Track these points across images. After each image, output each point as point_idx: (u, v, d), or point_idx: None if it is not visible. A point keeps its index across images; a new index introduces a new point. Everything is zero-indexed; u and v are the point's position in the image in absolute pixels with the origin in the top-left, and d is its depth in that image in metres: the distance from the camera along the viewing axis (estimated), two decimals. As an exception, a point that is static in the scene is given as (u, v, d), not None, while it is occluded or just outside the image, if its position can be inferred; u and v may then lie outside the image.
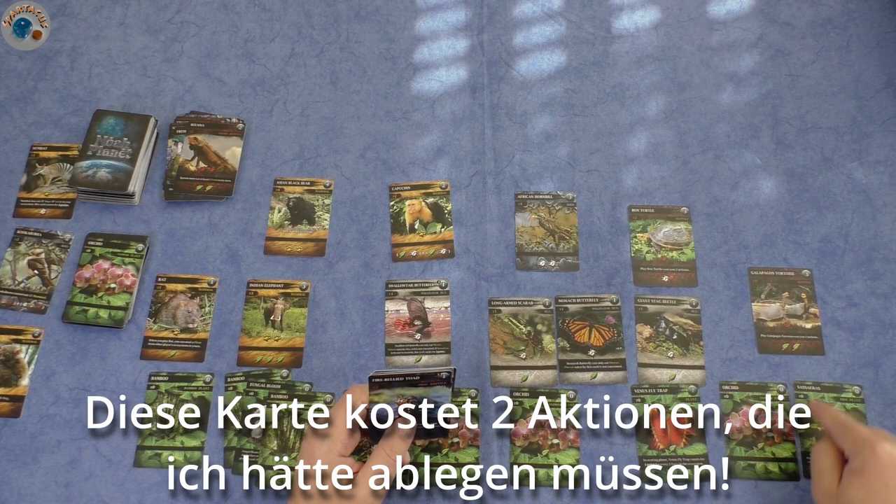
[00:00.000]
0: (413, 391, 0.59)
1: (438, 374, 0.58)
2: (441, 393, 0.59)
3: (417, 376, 0.58)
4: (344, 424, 0.60)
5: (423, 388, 0.59)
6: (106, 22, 0.91)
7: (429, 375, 0.58)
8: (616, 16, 0.90)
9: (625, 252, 0.78)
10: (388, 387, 0.58)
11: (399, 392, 0.59)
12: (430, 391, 0.59)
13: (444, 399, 0.59)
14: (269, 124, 0.85)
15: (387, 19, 0.91)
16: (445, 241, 0.79)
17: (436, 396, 0.59)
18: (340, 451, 0.60)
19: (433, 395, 0.59)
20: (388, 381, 0.58)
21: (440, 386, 0.58)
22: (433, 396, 0.59)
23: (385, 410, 0.60)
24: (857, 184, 0.80)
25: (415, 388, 0.59)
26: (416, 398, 0.59)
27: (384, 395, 0.59)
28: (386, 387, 0.58)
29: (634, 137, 0.83)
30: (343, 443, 0.60)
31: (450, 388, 0.59)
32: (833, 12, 0.89)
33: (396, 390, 0.59)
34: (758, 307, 0.74)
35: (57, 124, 0.85)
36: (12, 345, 0.74)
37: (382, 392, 0.59)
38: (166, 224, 0.80)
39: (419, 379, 0.58)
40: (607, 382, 0.72)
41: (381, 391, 0.59)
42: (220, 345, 0.74)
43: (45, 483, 0.69)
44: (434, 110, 0.85)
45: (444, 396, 0.59)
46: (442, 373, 0.58)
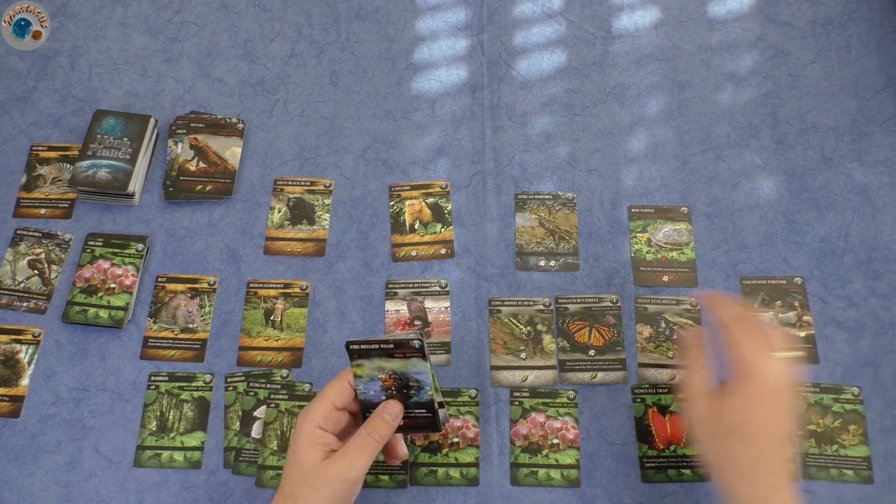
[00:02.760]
0: (392, 363, 0.59)
1: (411, 342, 0.58)
2: (419, 368, 0.59)
3: (391, 344, 0.58)
4: (324, 397, 0.59)
5: (401, 360, 0.59)
6: (106, 22, 0.91)
7: (402, 343, 0.58)
8: (616, 16, 0.90)
9: (625, 252, 0.78)
10: (367, 356, 0.59)
11: (378, 364, 0.59)
12: (408, 364, 0.59)
13: (424, 377, 0.60)
14: (269, 124, 0.85)
15: (387, 19, 0.91)
16: (445, 241, 0.79)
17: (415, 372, 0.59)
18: (319, 423, 0.58)
19: (412, 370, 0.59)
20: (365, 348, 0.59)
21: (416, 358, 0.59)
22: (413, 372, 0.60)
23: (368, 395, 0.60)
24: (857, 184, 0.80)
25: (392, 360, 0.59)
26: (398, 375, 0.60)
27: (365, 367, 0.60)
28: (364, 356, 0.59)
29: (634, 137, 0.83)
30: (323, 415, 0.59)
31: (427, 362, 0.59)
32: (833, 12, 0.89)
33: (375, 361, 0.59)
34: None
35: (57, 124, 0.85)
36: (12, 345, 0.74)
37: (362, 363, 0.59)
38: (166, 224, 0.80)
39: (394, 348, 0.59)
40: (607, 382, 0.72)
41: (360, 361, 0.59)
42: (220, 345, 0.74)
43: (45, 483, 0.69)
44: (434, 110, 0.85)
45: (424, 373, 0.59)
46: (413, 341, 0.58)
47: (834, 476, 0.68)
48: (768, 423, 0.55)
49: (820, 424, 0.70)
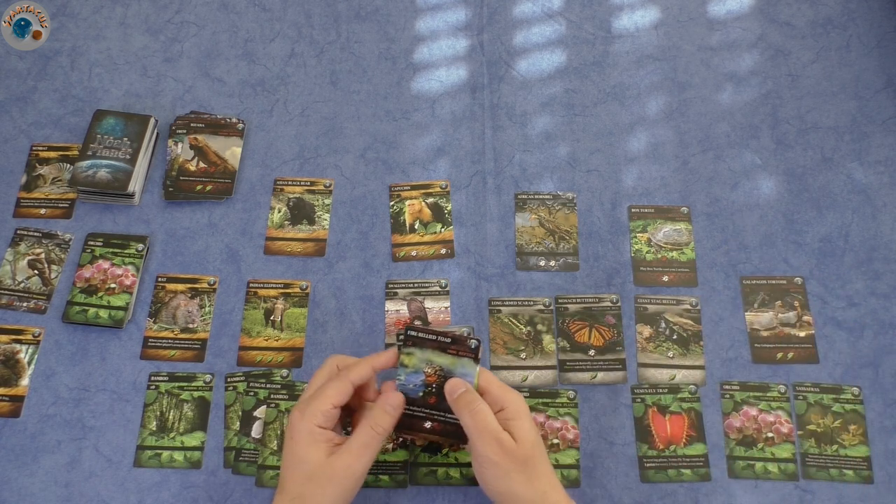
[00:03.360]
0: (442, 359, 0.58)
1: (468, 341, 0.58)
2: (468, 370, 0.59)
3: (449, 338, 0.58)
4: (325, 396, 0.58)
5: (453, 357, 0.58)
6: (106, 22, 0.91)
7: (459, 340, 0.58)
8: (616, 16, 0.90)
9: (625, 252, 0.78)
10: (421, 345, 0.58)
11: (429, 357, 0.58)
12: (457, 363, 0.58)
13: (470, 379, 0.59)
14: (269, 124, 0.85)
15: (387, 19, 0.91)
16: (445, 241, 0.79)
17: (462, 373, 0.59)
18: (319, 423, 0.57)
19: (460, 370, 0.59)
20: (423, 336, 0.58)
21: (468, 359, 0.58)
22: (459, 373, 0.59)
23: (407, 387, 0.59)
24: (857, 184, 0.80)
25: (444, 356, 0.58)
26: (444, 372, 0.59)
27: (415, 357, 0.58)
28: (418, 344, 0.58)
29: (634, 137, 0.83)
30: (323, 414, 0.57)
31: (476, 366, 0.58)
32: (833, 12, 0.89)
33: (427, 353, 0.58)
34: (751, 316, 0.74)
35: (57, 124, 0.85)
36: (12, 345, 0.74)
37: (413, 352, 0.58)
38: (166, 224, 0.80)
39: (450, 343, 0.58)
40: (607, 382, 0.72)
41: (412, 350, 0.58)
42: (220, 345, 0.74)
43: (45, 483, 0.69)
44: (434, 110, 0.85)
45: (470, 376, 0.59)
46: (471, 340, 0.58)
47: (834, 476, 0.68)
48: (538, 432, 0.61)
49: (820, 424, 0.70)
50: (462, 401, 0.58)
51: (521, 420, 0.58)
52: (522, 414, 0.59)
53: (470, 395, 0.59)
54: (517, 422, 0.58)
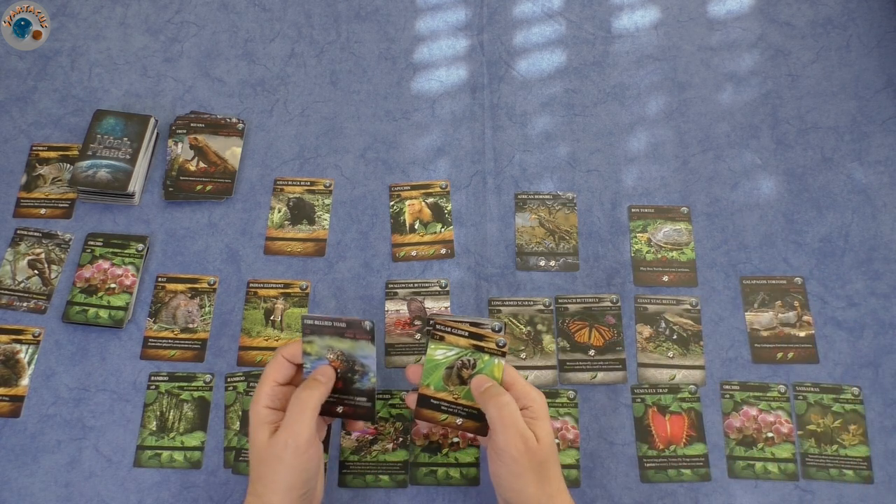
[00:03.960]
0: (342, 344, 0.60)
1: (362, 324, 0.59)
2: (367, 352, 0.60)
3: (344, 323, 0.59)
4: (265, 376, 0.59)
5: (351, 341, 0.60)
6: (106, 22, 0.91)
7: (354, 324, 0.59)
8: (616, 16, 0.90)
9: (625, 252, 0.78)
10: (319, 332, 0.59)
11: (329, 343, 0.60)
12: (356, 346, 0.60)
13: (369, 361, 0.60)
14: (269, 124, 0.85)
15: (387, 19, 0.91)
16: (445, 241, 0.79)
17: (362, 356, 0.60)
18: (266, 403, 0.58)
19: (360, 353, 0.60)
20: (318, 324, 0.59)
21: (365, 341, 0.59)
22: (359, 355, 0.60)
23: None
24: (857, 184, 0.80)
25: (343, 340, 0.60)
26: (346, 356, 0.60)
27: (315, 345, 0.60)
28: (317, 332, 0.60)
29: (634, 137, 0.83)
30: (268, 394, 0.58)
31: (373, 347, 0.60)
32: (833, 12, 0.89)
33: (326, 339, 0.60)
34: (751, 316, 0.74)
35: (57, 124, 0.85)
36: (12, 345, 0.74)
37: (313, 339, 0.60)
38: (166, 224, 0.80)
39: (346, 328, 0.59)
40: (607, 382, 0.72)
41: (311, 338, 0.60)
42: (220, 345, 0.74)
43: (45, 483, 0.69)
44: (434, 110, 0.85)
45: (370, 358, 0.60)
46: (365, 322, 0.59)
47: (834, 476, 0.68)
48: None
49: (820, 424, 0.70)
50: (488, 394, 0.58)
51: (543, 420, 0.58)
52: (545, 414, 0.59)
53: (496, 388, 0.59)
54: (540, 422, 0.58)
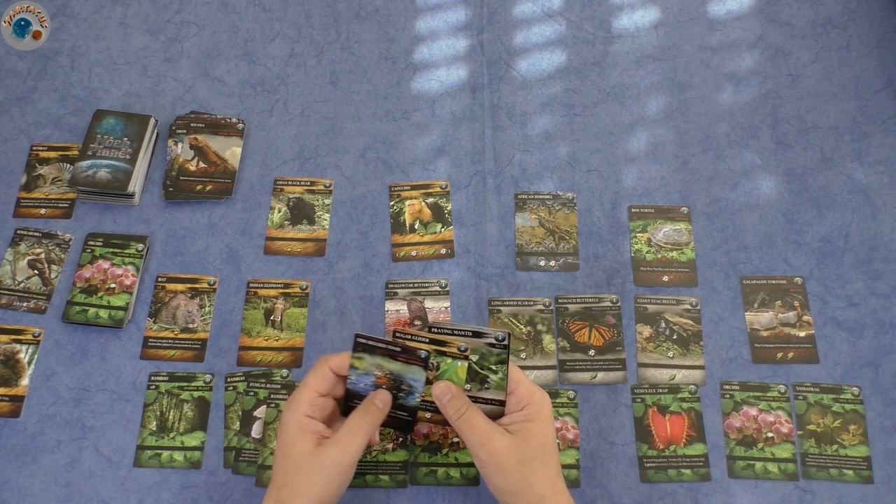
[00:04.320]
0: (392, 365, 0.59)
1: (418, 352, 0.59)
2: (417, 376, 0.59)
3: (399, 348, 0.59)
4: (307, 385, 0.59)
5: (402, 364, 0.59)
6: (106, 22, 0.91)
7: (409, 350, 0.59)
8: (616, 16, 0.90)
9: (625, 252, 0.78)
10: (370, 351, 0.59)
11: (378, 362, 0.59)
12: (407, 370, 0.59)
13: (418, 384, 0.60)
14: (269, 124, 0.85)
15: (387, 19, 0.91)
16: (445, 241, 0.79)
17: (411, 378, 0.60)
18: (306, 412, 0.58)
19: (409, 375, 0.60)
20: (372, 345, 0.59)
21: (417, 367, 0.59)
22: (409, 378, 0.60)
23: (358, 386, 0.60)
24: (857, 184, 0.80)
25: (394, 362, 0.59)
26: (394, 376, 0.60)
27: (365, 362, 0.59)
28: (368, 351, 0.59)
29: (634, 137, 0.83)
30: (309, 403, 0.58)
31: (425, 374, 0.59)
32: (833, 12, 0.89)
33: (377, 358, 0.59)
34: (751, 316, 0.74)
35: (57, 124, 0.85)
36: (12, 345, 0.74)
37: (363, 357, 0.59)
38: (166, 224, 0.80)
39: (399, 352, 0.59)
40: (607, 382, 0.72)
41: (362, 355, 0.59)
42: (220, 345, 0.74)
43: (45, 483, 0.69)
44: (434, 110, 0.85)
45: (419, 381, 0.60)
46: (421, 351, 0.59)
47: (834, 476, 0.68)
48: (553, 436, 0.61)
49: (820, 424, 0.70)
50: (450, 407, 0.60)
51: (535, 423, 0.59)
52: (540, 416, 0.59)
53: (457, 401, 0.60)
54: (530, 423, 0.59)
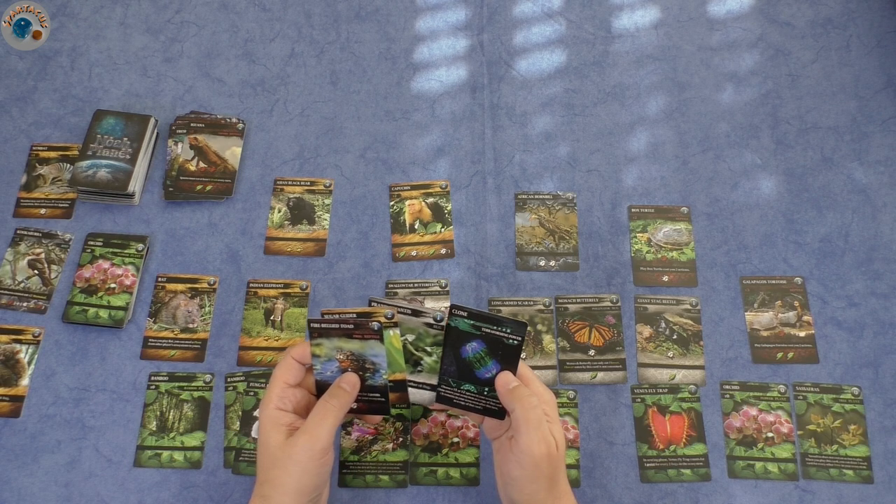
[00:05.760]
0: (350, 345, 0.59)
1: (369, 324, 0.58)
2: (376, 350, 0.59)
3: (351, 325, 0.58)
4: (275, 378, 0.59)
5: (360, 342, 0.59)
6: (106, 22, 0.91)
7: (361, 325, 0.58)
8: (616, 16, 0.90)
9: (625, 252, 0.78)
10: (326, 335, 0.59)
11: (337, 344, 0.59)
12: (365, 347, 0.59)
13: (380, 359, 0.59)
14: (269, 124, 0.85)
15: (387, 19, 0.91)
16: (445, 241, 0.79)
17: (372, 354, 0.59)
18: (276, 405, 0.58)
19: (369, 352, 0.59)
20: (325, 327, 0.58)
21: (374, 340, 0.58)
22: (370, 354, 0.59)
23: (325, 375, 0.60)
24: (857, 184, 0.80)
25: (352, 341, 0.59)
26: (356, 356, 0.59)
27: (324, 347, 0.59)
28: (324, 335, 0.59)
29: (634, 137, 0.83)
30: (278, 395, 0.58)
31: (383, 346, 0.59)
32: (833, 12, 0.89)
33: (334, 341, 0.59)
34: (751, 316, 0.74)
35: (57, 124, 0.85)
36: (12, 345, 0.74)
37: (322, 342, 0.59)
38: (166, 224, 0.80)
39: (353, 329, 0.58)
40: (607, 382, 0.72)
41: (320, 340, 0.59)
42: (220, 345, 0.74)
43: (45, 483, 0.69)
44: (434, 110, 0.85)
45: (380, 356, 0.59)
46: (372, 322, 0.58)
47: (834, 476, 0.68)
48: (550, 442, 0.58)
49: (820, 424, 0.70)
50: (515, 395, 0.57)
51: (556, 424, 0.58)
52: (556, 417, 0.59)
53: (523, 389, 0.58)
54: (556, 424, 0.58)
